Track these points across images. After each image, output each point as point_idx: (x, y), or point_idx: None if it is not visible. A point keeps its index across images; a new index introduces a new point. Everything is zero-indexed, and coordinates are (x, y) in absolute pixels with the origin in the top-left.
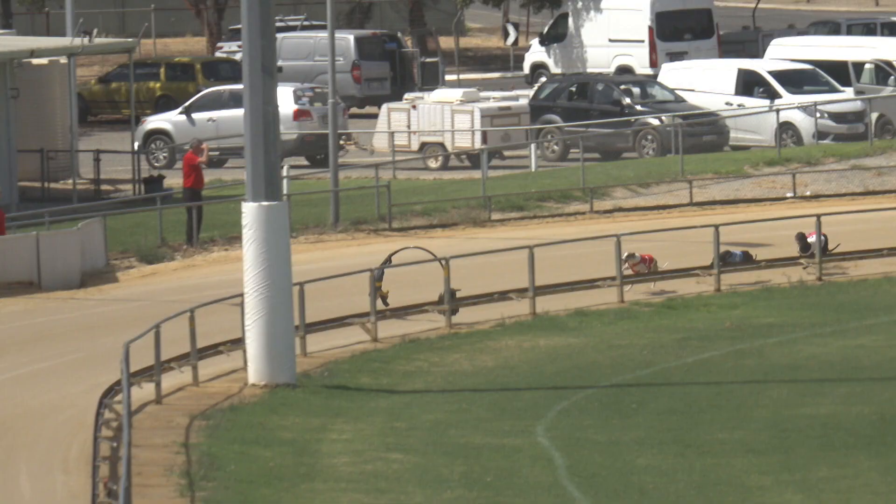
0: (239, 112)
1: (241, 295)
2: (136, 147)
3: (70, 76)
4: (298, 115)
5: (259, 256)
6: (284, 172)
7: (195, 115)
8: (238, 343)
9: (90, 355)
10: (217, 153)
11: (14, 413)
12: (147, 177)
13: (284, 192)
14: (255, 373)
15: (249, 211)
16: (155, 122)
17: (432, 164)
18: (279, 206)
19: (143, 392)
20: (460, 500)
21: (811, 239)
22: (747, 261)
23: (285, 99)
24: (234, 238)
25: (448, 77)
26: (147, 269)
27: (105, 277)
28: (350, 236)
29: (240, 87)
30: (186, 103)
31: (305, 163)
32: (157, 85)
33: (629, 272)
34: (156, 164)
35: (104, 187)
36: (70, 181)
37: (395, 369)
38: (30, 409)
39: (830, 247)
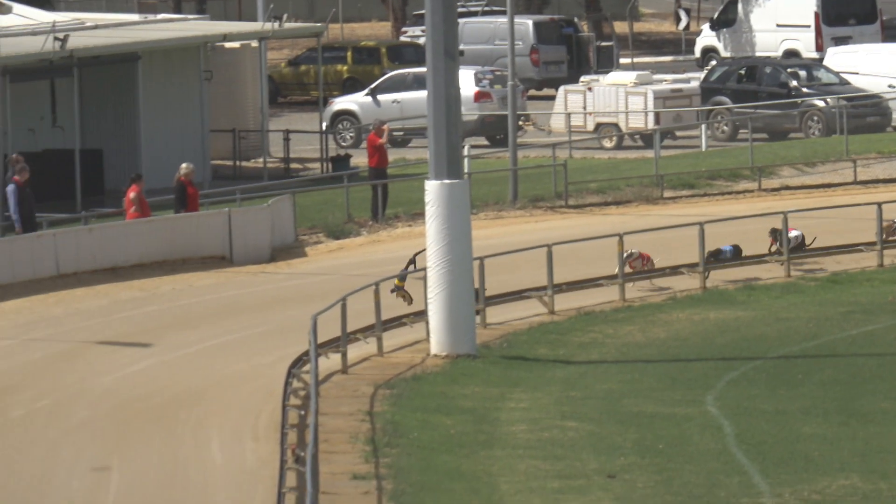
0: (422, 94)
1: (424, 269)
2: (323, 127)
3: (261, 59)
4: (479, 96)
5: (441, 232)
6: (465, 152)
7: (380, 97)
8: (421, 315)
9: (279, 327)
10: (401, 133)
11: (206, 383)
12: (334, 156)
13: (465, 170)
14: (436, 344)
15: (432, 188)
16: (342, 103)
17: (607, 143)
18: (461, 184)
19: (329, 362)
20: (633, 467)
21: (794, 233)
22: (736, 257)
23: (467, 81)
24: (417, 214)
25: (622, 60)
26: (334, 244)
27: (294, 252)
28: (528, 213)
29: (423, 69)
30: (372, 85)
31: (486, 142)
32: (345, 68)
33: (628, 270)
34: (343, 144)
35: (293, 166)
36: (261, 160)
37: (570, 341)
38: (221, 378)
39: (808, 242)
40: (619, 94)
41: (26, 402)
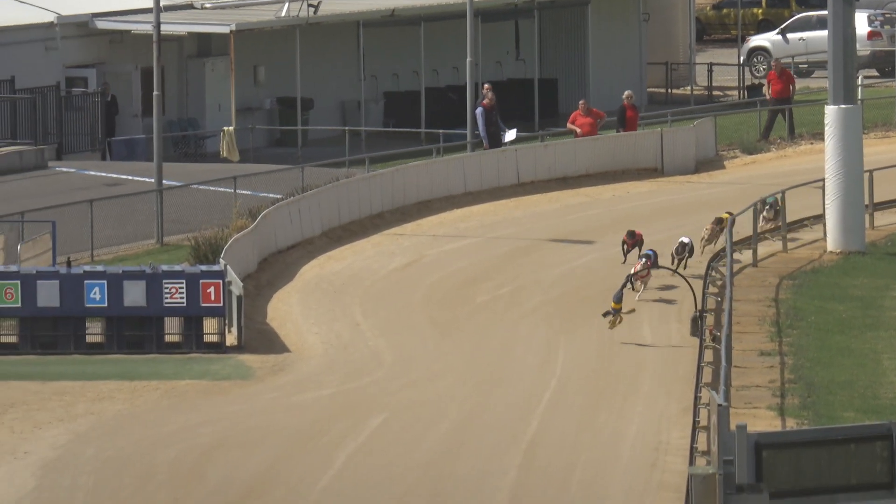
0: (824, 33)
1: (823, 180)
2: (741, 60)
3: (690, 3)
4: (871, 35)
5: (837, 149)
6: (859, 81)
7: (789, 35)
8: (819, 218)
9: (700, 228)
10: (806, 66)
11: None
12: (749, 84)
13: (859, 97)
14: (832, 242)
15: (831, 112)
16: (757, 40)
17: None
18: (854, 109)
19: (742, 257)
20: None
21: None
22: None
23: (861, 22)
24: (817, 134)
25: None
26: (748, 158)
27: (714, 165)
28: None
29: (825, 12)
30: (782, 25)
31: (876, 74)
32: (759, 10)
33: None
34: (756, 75)
35: (715, 93)
36: (688, 88)
37: None
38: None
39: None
40: None
41: (491, 290)
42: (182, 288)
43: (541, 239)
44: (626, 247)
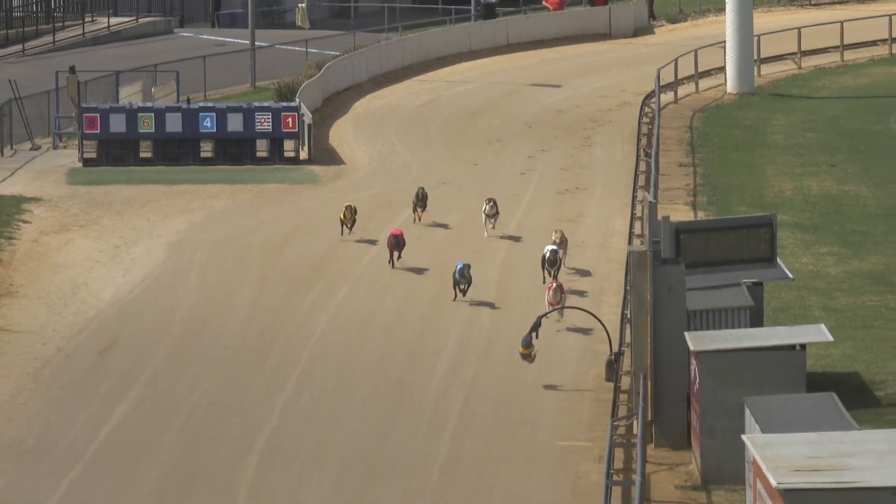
0: None
1: (724, 41)
2: None
3: None
4: None
5: (735, 20)
6: None
7: None
8: (721, 69)
9: (638, 77)
10: None
11: (596, 108)
12: None
13: None
14: (730, 86)
15: None
16: None
17: None
18: None
19: (666, 97)
20: (845, 160)
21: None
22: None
23: None
24: (721, 9)
25: None
26: (671, 27)
27: (647, 31)
28: (786, 9)
29: None
30: None
31: None
32: None
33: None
34: None
35: None
36: None
37: (811, 85)
38: (605, 104)
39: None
40: None
41: (488, 120)
42: (269, 118)
43: (524, 84)
44: (393, 253)
